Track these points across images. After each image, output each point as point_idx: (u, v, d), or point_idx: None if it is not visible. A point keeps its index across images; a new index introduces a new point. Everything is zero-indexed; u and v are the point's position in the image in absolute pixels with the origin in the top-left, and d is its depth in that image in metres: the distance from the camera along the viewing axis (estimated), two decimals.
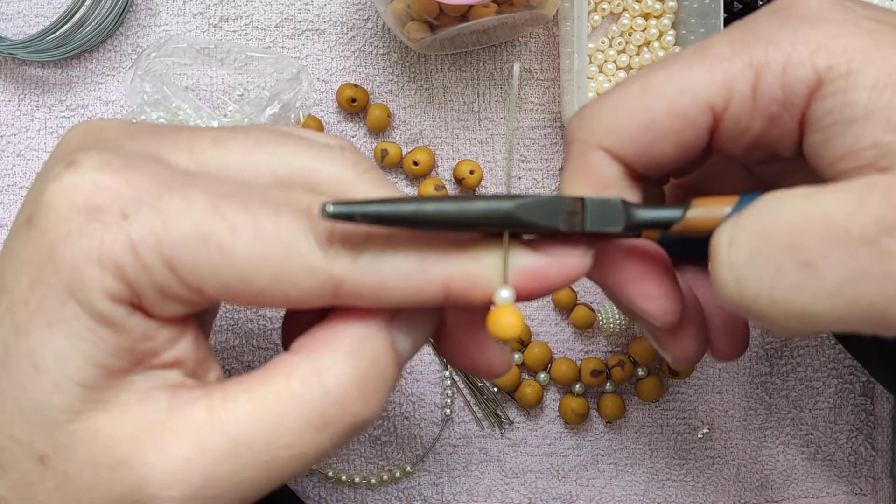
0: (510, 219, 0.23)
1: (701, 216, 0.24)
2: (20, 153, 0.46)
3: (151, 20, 0.46)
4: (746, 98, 0.23)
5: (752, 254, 0.21)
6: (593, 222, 0.24)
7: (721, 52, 0.24)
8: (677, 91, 0.24)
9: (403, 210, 0.22)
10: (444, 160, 0.46)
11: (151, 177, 0.21)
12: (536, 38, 0.46)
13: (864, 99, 0.22)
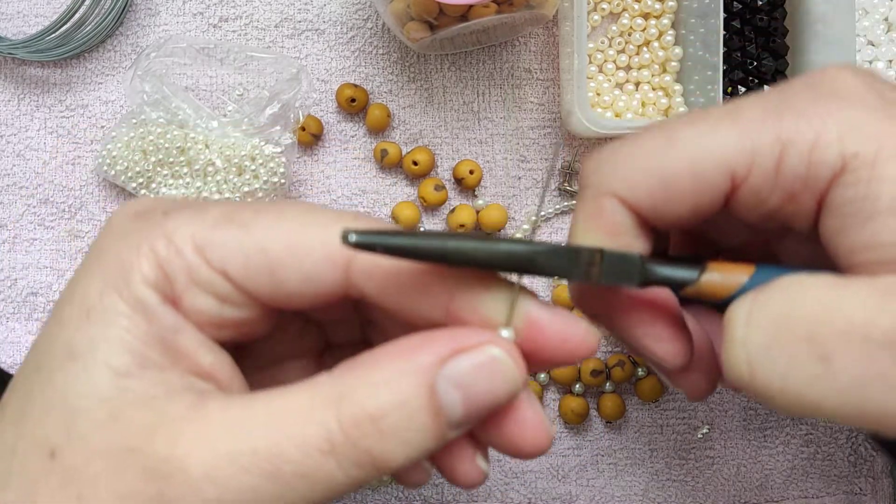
0: (529, 263, 0.22)
1: (716, 282, 0.24)
2: (20, 153, 0.46)
3: (151, 20, 0.46)
4: (769, 171, 0.23)
5: (769, 339, 0.21)
6: (609, 276, 0.24)
7: (752, 119, 0.23)
8: (701, 151, 0.23)
9: (424, 245, 0.22)
10: (444, 160, 0.46)
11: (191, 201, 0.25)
12: (536, 38, 0.46)
13: (890, 192, 0.21)
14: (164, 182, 0.43)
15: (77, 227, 0.46)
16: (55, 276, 0.45)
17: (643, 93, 0.46)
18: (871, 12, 0.46)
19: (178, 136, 0.43)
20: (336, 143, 0.46)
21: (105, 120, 0.46)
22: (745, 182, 0.23)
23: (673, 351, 0.25)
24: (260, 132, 0.43)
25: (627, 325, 0.26)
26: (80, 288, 0.23)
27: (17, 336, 0.45)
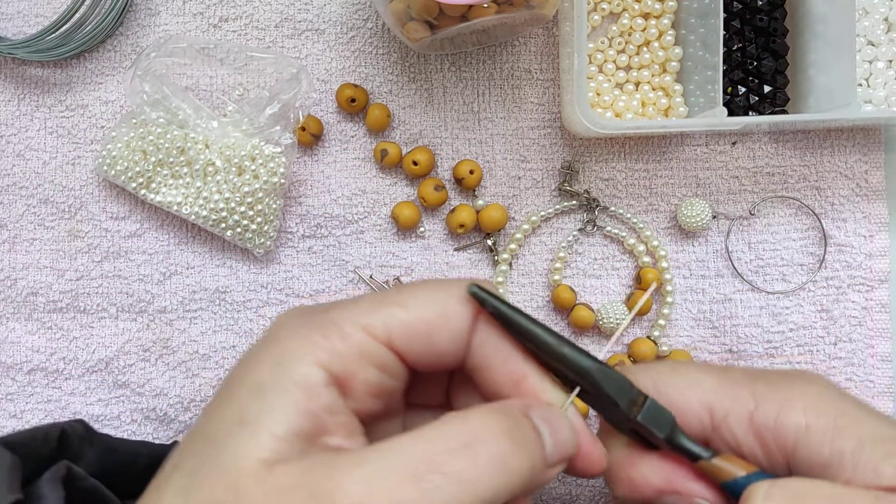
0: (587, 373, 0.29)
1: (722, 465, 0.29)
2: (20, 153, 0.46)
3: (151, 20, 0.46)
4: (744, 417, 0.30)
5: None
6: (646, 417, 0.29)
7: (734, 376, 0.31)
8: (691, 393, 0.31)
9: (520, 322, 0.28)
10: (444, 160, 0.46)
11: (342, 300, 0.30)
12: (536, 38, 0.46)
13: (850, 448, 0.29)
14: (164, 182, 0.43)
15: (77, 227, 0.46)
16: (55, 276, 0.45)
17: (643, 93, 0.46)
18: (871, 12, 0.46)
19: (178, 136, 0.43)
20: (336, 143, 0.46)
21: (105, 120, 0.46)
22: (724, 422, 0.30)
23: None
24: (260, 132, 0.43)
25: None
26: (251, 369, 0.27)
27: (17, 336, 0.45)
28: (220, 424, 0.26)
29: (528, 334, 0.29)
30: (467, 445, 0.25)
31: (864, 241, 0.46)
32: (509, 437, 0.26)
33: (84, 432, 0.37)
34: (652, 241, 0.46)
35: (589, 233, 0.46)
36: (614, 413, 0.30)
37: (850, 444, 0.28)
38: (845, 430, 0.29)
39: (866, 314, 0.46)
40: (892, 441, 0.28)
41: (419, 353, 0.28)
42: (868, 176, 0.46)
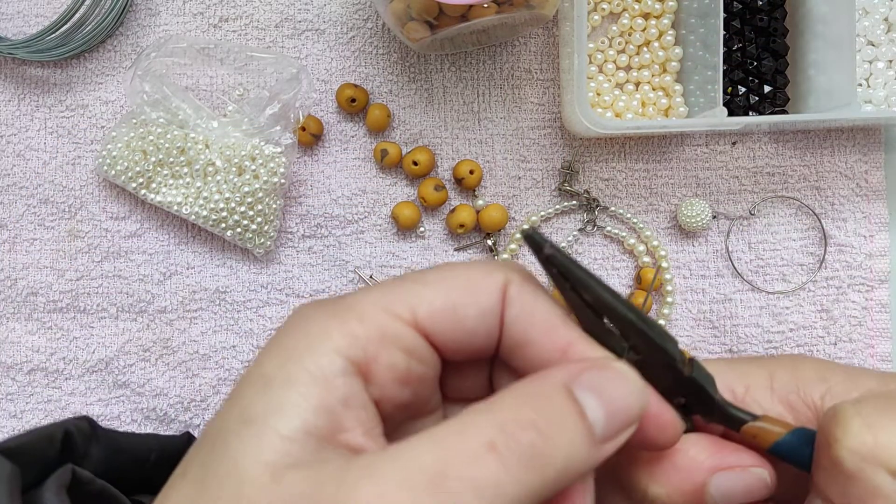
0: (645, 325, 0.26)
1: (768, 426, 0.27)
2: (20, 153, 0.46)
3: (151, 20, 0.46)
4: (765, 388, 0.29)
5: (882, 409, 0.25)
6: (698, 373, 0.27)
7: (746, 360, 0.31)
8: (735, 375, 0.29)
9: (573, 270, 0.26)
10: (444, 160, 0.46)
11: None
12: (536, 38, 0.46)
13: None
14: (164, 182, 0.43)
15: (77, 227, 0.46)
16: (55, 276, 0.45)
17: (643, 93, 0.46)
18: (871, 12, 0.46)
19: (179, 136, 0.43)
20: (336, 143, 0.46)
21: (105, 120, 0.46)
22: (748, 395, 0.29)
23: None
24: (260, 132, 0.43)
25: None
26: (261, 363, 0.25)
27: (17, 336, 0.45)
28: (226, 424, 0.24)
29: (584, 284, 0.26)
30: (490, 447, 0.22)
31: (865, 241, 0.46)
32: (537, 429, 0.22)
33: (90, 430, 0.36)
34: (652, 241, 0.46)
35: (589, 233, 0.46)
36: (663, 379, 0.27)
37: (874, 382, 0.28)
38: (861, 375, 0.28)
39: (866, 314, 0.46)
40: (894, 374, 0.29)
41: (447, 333, 0.25)
42: (868, 176, 0.46)
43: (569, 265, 0.26)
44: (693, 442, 0.27)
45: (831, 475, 0.25)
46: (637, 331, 0.26)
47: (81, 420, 0.36)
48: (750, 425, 0.27)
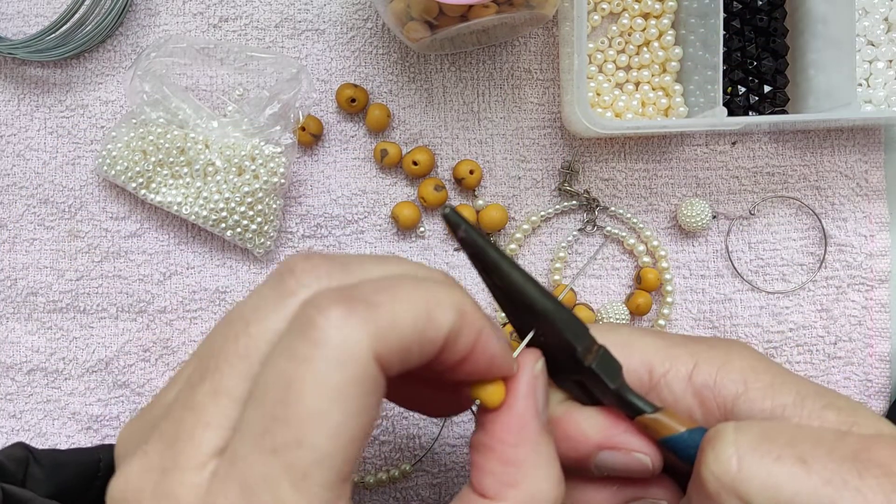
0: (548, 312, 0.27)
1: (665, 420, 0.29)
2: (20, 153, 0.46)
3: (151, 20, 0.46)
4: (684, 376, 0.30)
5: (758, 440, 0.26)
6: (600, 365, 0.28)
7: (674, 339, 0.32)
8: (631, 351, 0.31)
9: (486, 253, 0.27)
10: (444, 160, 0.46)
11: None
12: (536, 38, 0.46)
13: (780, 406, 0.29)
14: (164, 182, 0.43)
15: (77, 227, 0.46)
16: (55, 276, 0.45)
17: (643, 93, 0.46)
18: (871, 12, 0.46)
19: (179, 136, 0.43)
20: (336, 143, 0.46)
21: (105, 120, 0.46)
22: (663, 380, 0.30)
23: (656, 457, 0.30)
24: (260, 132, 0.43)
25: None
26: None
27: (17, 336, 0.45)
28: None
29: (495, 266, 0.27)
30: None
31: (865, 241, 0.46)
32: None
33: (24, 454, 0.35)
34: (652, 241, 0.46)
35: (589, 233, 0.46)
36: (565, 361, 0.28)
37: (790, 398, 0.29)
38: (784, 385, 0.29)
39: (866, 314, 0.46)
40: (829, 394, 0.29)
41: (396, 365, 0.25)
42: (868, 175, 0.46)
43: (482, 248, 0.27)
44: (588, 416, 0.29)
45: (697, 489, 0.27)
46: (541, 316, 0.27)
47: (14, 447, 0.36)
48: (644, 417, 0.29)
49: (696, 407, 0.30)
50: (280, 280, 0.26)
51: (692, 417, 0.30)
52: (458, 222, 0.26)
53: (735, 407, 0.29)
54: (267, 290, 0.27)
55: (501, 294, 0.28)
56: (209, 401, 0.25)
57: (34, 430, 0.45)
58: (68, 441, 0.45)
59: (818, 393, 0.29)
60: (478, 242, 0.26)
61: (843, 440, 0.26)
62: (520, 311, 0.28)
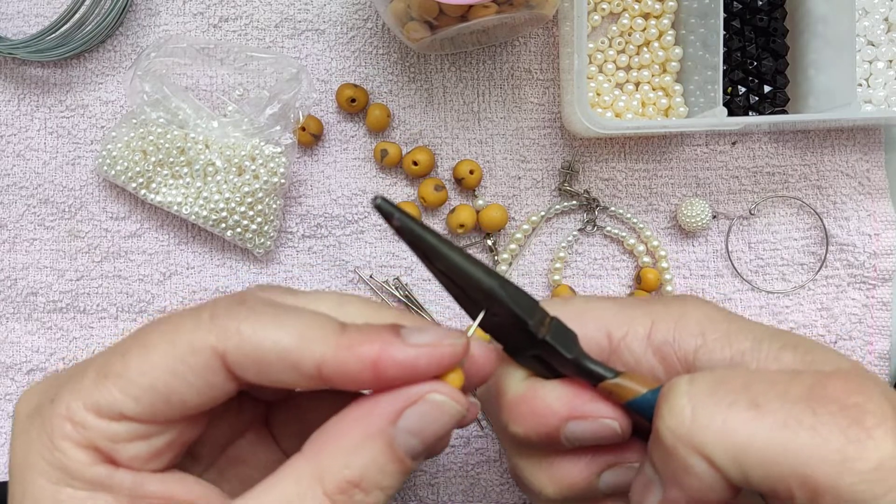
0: (496, 290, 0.27)
1: (627, 384, 0.28)
2: (20, 153, 0.46)
3: (151, 20, 0.46)
4: (642, 336, 0.30)
5: (711, 389, 0.26)
6: (554, 336, 0.28)
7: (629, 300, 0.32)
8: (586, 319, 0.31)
9: (423, 239, 0.26)
10: (444, 160, 0.46)
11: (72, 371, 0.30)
12: (536, 38, 0.46)
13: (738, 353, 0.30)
14: (164, 182, 0.43)
15: (77, 227, 0.46)
16: (55, 276, 0.45)
17: (643, 93, 0.46)
18: (871, 12, 0.46)
19: (179, 136, 0.43)
20: (336, 143, 0.46)
21: (105, 120, 0.46)
22: (623, 342, 0.30)
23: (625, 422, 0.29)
24: (260, 132, 0.43)
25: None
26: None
27: (17, 336, 0.45)
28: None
29: (435, 252, 0.26)
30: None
31: (869, 240, 0.46)
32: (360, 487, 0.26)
33: None
34: (652, 241, 0.46)
35: (589, 233, 0.46)
36: (519, 338, 0.28)
37: (748, 343, 0.29)
38: (740, 332, 0.29)
39: (867, 312, 0.46)
40: (786, 335, 0.29)
41: (164, 412, 0.27)
42: (870, 174, 0.46)
43: (420, 235, 0.26)
44: (551, 389, 0.29)
45: (655, 445, 0.27)
46: (489, 296, 0.27)
47: None
48: (606, 383, 0.28)
49: (657, 365, 0.30)
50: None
51: (655, 377, 0.30)
52: (390, 211, 0.26)
53: (696, 360, 0.29)
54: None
55: (447, 279, 0.27)
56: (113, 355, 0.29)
57: None
58: None
59: (774, 335, 0.29)
60: (414, 230, 0.26)
61: (797, 379, 0.26)
62: (467, 293, 0.27)
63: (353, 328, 0.27)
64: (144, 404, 0.26)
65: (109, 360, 0.27)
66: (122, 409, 0.26)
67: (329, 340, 0.26)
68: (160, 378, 0.26)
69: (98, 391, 0.26)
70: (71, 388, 0.27)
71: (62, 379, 0.28)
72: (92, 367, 0.27)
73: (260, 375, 0.27)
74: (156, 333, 0.27)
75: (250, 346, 0.26)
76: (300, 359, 0.26)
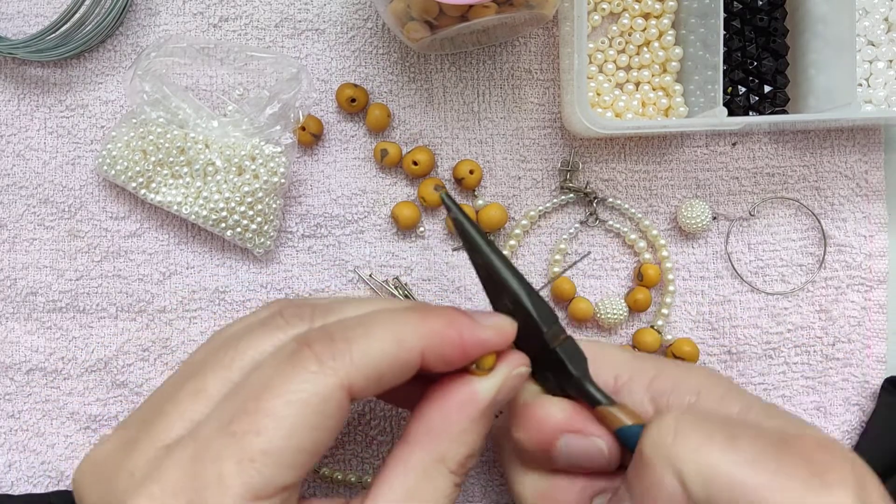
0: (521, 296, 0.31)
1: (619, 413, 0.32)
2: (20, 153, 0.46)
3: (151, 20, 0.46)
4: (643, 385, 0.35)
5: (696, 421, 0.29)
6: (566, 352, 0.32)
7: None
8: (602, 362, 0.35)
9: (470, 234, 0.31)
10: (444, 160, 0.46)
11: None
12: (536, 38, 0.46)
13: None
14: (164, 182, 0.43)
15: (77, 226, 0.45)
16: (55, 276, 0.45)
17: (643, 93, 0.46)
18: (871, 12, 0.46)
19: (178, 135, 0.43)
20: (336, 142, 0.46)
21: (105, 120, 0.46)
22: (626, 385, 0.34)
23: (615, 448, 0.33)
24: (260, 132, 0.43)
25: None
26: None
27: (17, 336, 0.45)
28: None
29: (479, 250, 0.31)
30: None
31: (864, 242, 0.46)
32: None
33: None
34: (651, 230, 0.46)
35: (591, 225, 0.46)
36: (534, 347, 0.32)
37: (737, 408, 0.32)
38: (733, 398, 0.32)
39: (865, 314, 0.46)
40: (774, 409, 0.32)
41: (315, 460, 0.29)
42: (868, 176, 0.46)
43: (467, 230, 0.31)
44: (555, 403, 0.33)
45: (635, 462, 0.30)
46: (514, 298, 0.31)
47: None
48: (602, 408, 0.32)
49: (651, 411, 0.33)
50: (270, 317, 0.32)
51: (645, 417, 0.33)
52: (450, 205, 0.31)
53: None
54: (254, 321, 0.32)
55: (483, 273, 0.32)
56: (189, 398, 0.29)
57: (33, 429, 0.45)
58: (66, 441, 0.45)
59: (764, 407, 0.32)
60: (465, 227, 0.31)
61: (774, 432, 0.29)
62: (499, 291, 0.32)
63: (432, 313, 0.30)
64: (298, 468, 0.27)
65: (241, 443, 0.27)
66: (281, 483, 0.27)
67: (421, 332, 0.30)
68: (306, 437, 0.27)
69: (251, 476, 0.26)
70: (216, 490, 0.26)
71: (174, 486, 0.27)
72: (222, 456, 0.26)
73: (379, 386, 0.29)
74: (273, 399, 0.27)
75: (368, 369, 0.28)
76: (408, 359, 0.29)
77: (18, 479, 0.45)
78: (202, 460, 0.26)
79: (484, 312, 0.32)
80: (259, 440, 0.26)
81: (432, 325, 0.30)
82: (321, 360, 0.28)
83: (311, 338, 0.29)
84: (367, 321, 0.30)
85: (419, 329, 0.30)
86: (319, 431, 0.28)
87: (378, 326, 0.30)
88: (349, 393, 0.28)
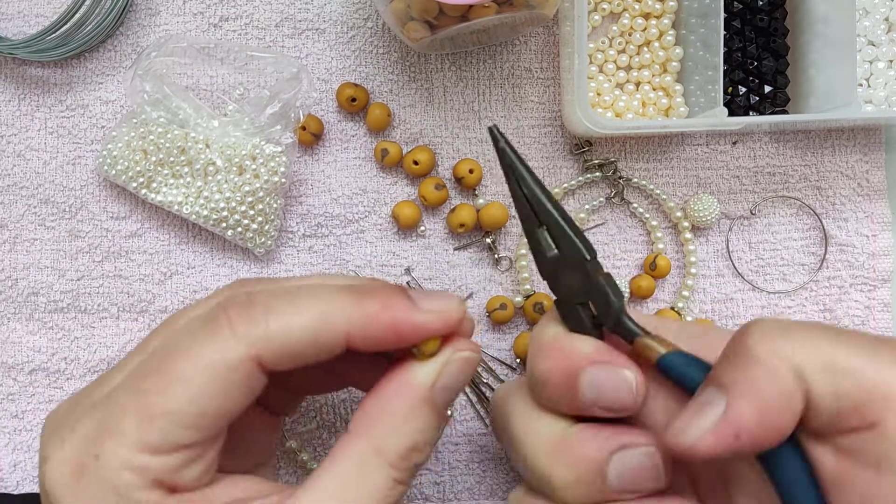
0: (559, 222, 0.31)
1: (655, 344, 0.30)
2: (20, 153, 0.46)
3: (151, 20, 0.46)
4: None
5: (795, 322, 0.27)
6: (606, 281, 0.31)
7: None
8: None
9: (517, 165, 0.31)
10: (444, 159, 0.46)
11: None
12: (536, 38, 0.46)
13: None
14: (164, 182, 0.43)
15: (77, 227, 0.46)
16: (56, 276, 0.45)
17: (643, 93, 0.46)
18: (871, 12, 0.46)
19: (179, 135, 0.43)
20: (336, 142, 0.46)
21: (105, 120, 0.46)
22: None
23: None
24: (260, 131, 0.43)
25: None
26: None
27: (18, 336, 0.45)
28: None
29: (522, 178, 0.31)
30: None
31: (867, 241, 0.46)
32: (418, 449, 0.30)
33: None
34: (675, 212, 0.45)
35: (616, 204, 0.46)
36: (574, 277, 0.31)
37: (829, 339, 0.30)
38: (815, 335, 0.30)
39: (869, 314, 0.46)
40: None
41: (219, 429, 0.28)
42: (869, 175, 0.46)
43: (514, 160, 0.31)
44: (583, 338, 0.31)
45: (733, 361, 0.27)
46: (557, 226, 0.31)
47: None
48: (640, 340, 0.30)
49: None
50: (214, 291, 0.32)
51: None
52: (497, 137, 0.31)
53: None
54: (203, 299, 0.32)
55: (525, 202, 0.31)
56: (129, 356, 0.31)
57: (36, 430, 0.45)
58: None
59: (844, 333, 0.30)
60: (512, 157, 0.31)
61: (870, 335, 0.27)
62: (538, 216, 0.31)
63: (367, 293, 0.29)
64: (199, 430, 0.27)
65: (145, 400, 0.27)
66: (178, 441, 0.27)
67: (349, 312, 0.28)
68: (209, 404, 0.27)
69: (149, 432, 0.27)
70: (113, 440, 0.27)
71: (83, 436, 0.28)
72: (126, 411, 0.27)
73: (294, 362, 0.28)
74: (182, 361, 0.27)
75: (282, 341, 0.28)
76: (330, 338, 0.28)
77: (23, 479, 0.45)
78: (112, 414, 0.28)
79: (431, 293, 0.31)
80: (161, 399, 0.27)
81: (364, 307, 0.28)
82: (233, 327, 0.27)
83: (228, 303, 0.28)
84: (295, 292, 0.29)
85: (348, 309, 0.28)
86: (223, 399, 0.27)
87: (304, 299, 0.28)
88: (259, 363, 0.28)
